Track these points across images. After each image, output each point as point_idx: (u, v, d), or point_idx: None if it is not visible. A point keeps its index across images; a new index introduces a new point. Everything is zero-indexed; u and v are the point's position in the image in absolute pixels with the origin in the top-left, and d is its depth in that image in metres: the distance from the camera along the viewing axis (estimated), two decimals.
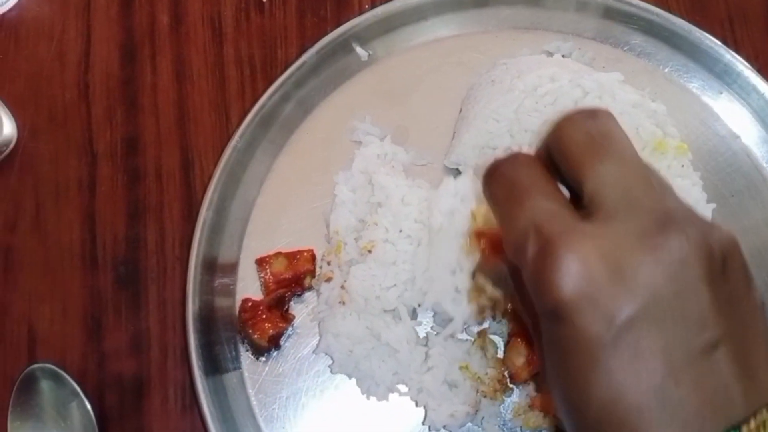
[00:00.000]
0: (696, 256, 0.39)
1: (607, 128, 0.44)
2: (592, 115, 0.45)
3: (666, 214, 0.40)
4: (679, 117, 0.75)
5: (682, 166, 0.71)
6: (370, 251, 0.69)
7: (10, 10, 0.83)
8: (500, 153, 0.72)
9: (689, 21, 0.80)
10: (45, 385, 0.69)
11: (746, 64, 0.79)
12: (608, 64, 0.79)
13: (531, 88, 0.72)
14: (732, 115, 0.79)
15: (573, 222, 0.40)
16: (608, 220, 0.40)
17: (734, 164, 0.78)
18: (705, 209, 0.71)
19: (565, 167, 0.43)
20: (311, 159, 0.78)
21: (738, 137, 0.78)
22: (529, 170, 0.44)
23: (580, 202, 0.42)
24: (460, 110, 0.78)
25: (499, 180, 0.45)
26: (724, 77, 0.79)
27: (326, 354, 0.72)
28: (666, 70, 0.80)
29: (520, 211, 0.42)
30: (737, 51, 0.80)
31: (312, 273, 0.73)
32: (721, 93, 0.79)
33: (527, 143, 0.72)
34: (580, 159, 0.42)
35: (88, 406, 0.69)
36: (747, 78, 0.78)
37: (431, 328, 0.71)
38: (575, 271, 0.38)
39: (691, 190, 0.70)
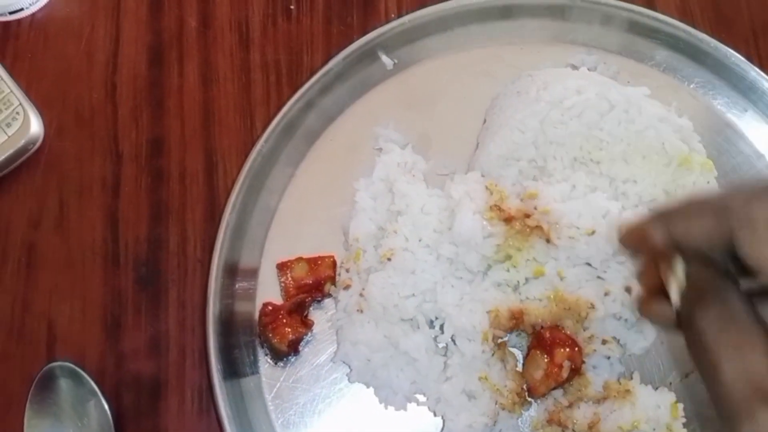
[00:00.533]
0: None
1: None
2: None
3: None
4: (704, 134, 0.75)
5: (708, 182, 0.70)
6: (389, 259, 0.69)
7: (39, 10, 0.84)
8: (524, 164, 0.73)
9: (714, 37, 0.80)
10: (63, 384, 0.69)
11: None
12: (633, 79, 0.79)
13: (557, 100, 0.72)
14: (757, 133, 0.79)
15: None
16: None
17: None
18: None
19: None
20: (334, 166, 0.78)
21: (762, 156, 0.78)
22: (745, 311, 0.38)
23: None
24: (484, 121, 0.79)
25: (709, 312, 0.39)
26: (749, 95, 0.79)
27: (344, 362, 0.71)
28: (691, 86, 0.80)
29: (742, 363, 0.37)
30: (762, 68, 0.80)
31: (333, 279, 0.73)
32: (746, 111, 0.79)
33: (552, 155, 0.72)
34: None
35: (106, 406, 0.69)
36: None
37: (451, 338, 0.71)
38: None
39: None
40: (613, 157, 0.70)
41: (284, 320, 0.69)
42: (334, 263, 0.73)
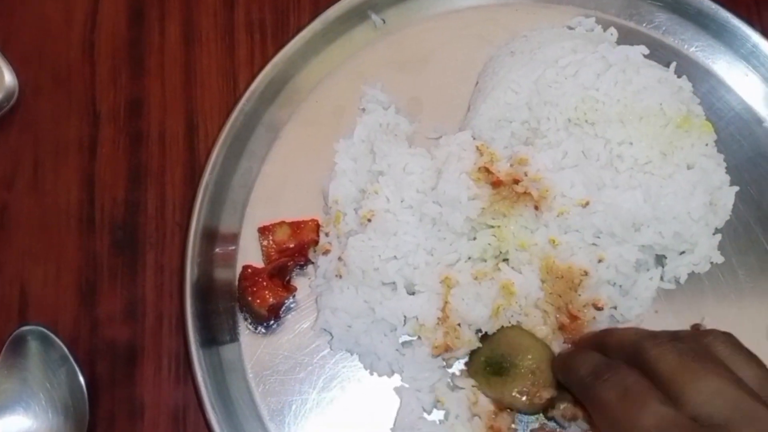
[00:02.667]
0: None
1: (693, 352, 0.52)
2: (672, 344, 0.53)
3: None
4: (702, 98, 0.72)
5: (706, 145, 0.68)
6: (369, 220, 0.66)
7: None
8: (517, 126, 0.70)
9: (715, 1, 0.77)
10: (34, 348, 0.67)
11: None
12: (631, 42, 0.76)
13: (552, 59, 0.69)
14: (757, 98, 0.76)
15: (697, 428, 0.47)
16: (726, 428, 0.47)
17: (757, 149, 0.75)
18: (728, 192, 0.68)
19: (661, 384, 0.51)
20: (319, 129, 0.75)
21: (763, 122, 0.75)
22: (633, 376, 0.52)
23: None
24: (476, 83, 0.76)
25: (608, 384, 0.53)
26: (751, 59, 0.77)
27: (325, 330, 0.69)
28: (691, 49, 0.77)
29: (641, 415, 0.49)
30: (764, 33, 0.77)
31: (316, 243, 0.70)
32: (747, 75, 0.76)
33: (545, 116, 0.69)
34: (677, 380, 0.50)
35: (78, 372, 0.66)
36: None
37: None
38: None
39: (715, 171, 0.67)
40: (609, 119, 0.67)
41: (265, 284, 0.67)
42: (318, 227, 0.70)
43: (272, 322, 0.69)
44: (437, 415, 0.66)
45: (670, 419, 0.48)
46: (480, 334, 0.66)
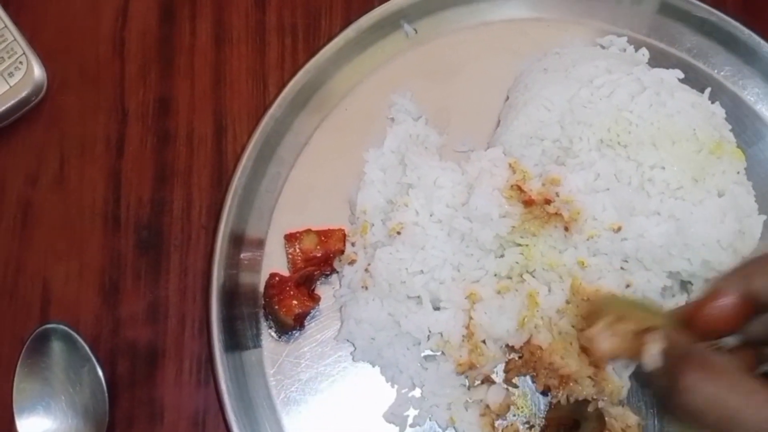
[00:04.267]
0: None
1: None
2: None
3: None
4: (732, 124, 0.72)
5: (738, 172, 0.68)
6: (399, 233, 0.66)
7: None
8: (548, 144, 0.70)
9: (747, 26, 0.77)
10: (56, 347, 0.66)
11: None
12: (661, 63, 0.76)
13: (587, 79, 0.69)
14: None
15: None
16: None
17: None
18: (757, 220, 0.68)
19: None
20: (348, 137, 0.75)
21: None
22: (739, 385, 0.40)
23: None
24: (507, 98, 0.76)
25: (702, 394, 0.41)
26: None
27: (348, 341, 0.69)
28: (721, 73, 0.77)
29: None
30: None
31: (342, 253, 0.70)
32: None
33: (578, 136, 0.68)
34: None
35: (100, 372, 0.66)
36: None
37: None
38: None
39: (745, 199, 0.67)
40: (642, 141, 0.67)
41: (291, 292, 0.67)
42: (345, 236, 0.70)
43: (296, 330, 0.68)
44: None
45: None
46: (507, 350, 0.66)
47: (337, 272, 0.71)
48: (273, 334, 0.69)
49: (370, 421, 0.67)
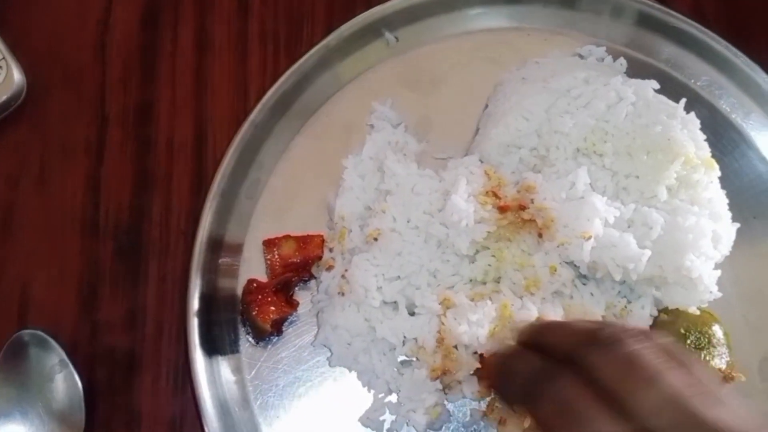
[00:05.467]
0: None
1: (638, 353, 0.45)
2: (617, 342, 0.46)
3: None
4: (707, 133, 0.73)
5: (711, 182, 0.68)
6: (375, 239, 0.67)
7: None
8: (526, 153, 0.70)
9: (724, 37, 0.78)
10: (33, 353, 0.66)
11: None
12: (639, 74, 0.77)
13: (565, 89, 0.70)
14: (761, 136, 0.77)
15: None
16: None
17: (759, 186, 0.76)
18: (730, 228, 0.69)
19: (604, 392, 0.45)
20: (328, 144, 0.75)
21: (766, 160, 0.77)
22: (578, 390, 0.45)
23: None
24: (486, 106, 0.76)
25: (548, 401, 0.46)
26: (757, 98, 0.78)
27: (324, 346, 0.69)
28: (698, 84, 0.78)
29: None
30: None
31: (320, 259, 0.70)
32: (751, 113, 0.78)
33: (555, 145, 0.69)
34: (619, 387, 0.44)
35: (77, 378, 0.66)
36: None
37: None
38: None
39: (718, 208, 0.68)
40: (618, 151, 0.68)
41: (269, 298, 0.67)
42: (323, 242, 0.70)
43: (274, 336, 0.69)
44: None
45: None
46: (478, 356, 0.67)
47: (316, 278, 0.71)
48: (251, 339, 0.69)
49: (347, 425, 0.67)
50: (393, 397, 0.68)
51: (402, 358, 0.68)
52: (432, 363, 0.65)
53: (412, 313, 0.67)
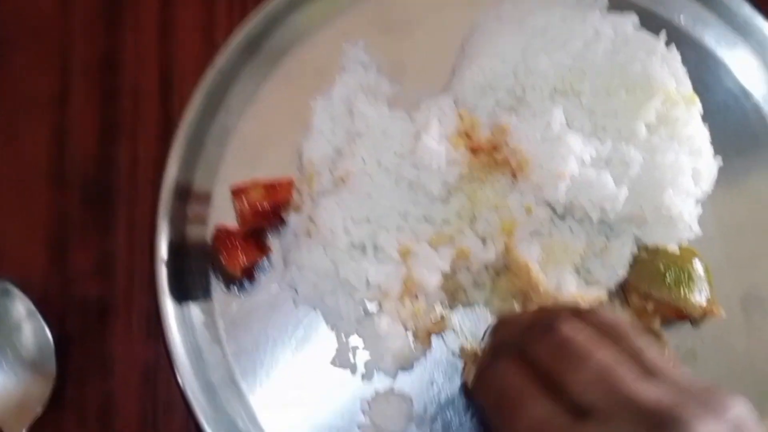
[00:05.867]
0: None
1: (571, 338, 0.48)
2: (553, 329, 0.49)
3: (661, 412, 0.42)
4: (690, 68, 0.71)
5: (692, 118, 0.66)
6: (343, 180, 0.65)
7: None
8: (502, 95, 0.69)
9: None
10: (1, 303, 0.66)
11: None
12: (621, 8, 0.74)
13: (541, 29, 0.67)
14: (745, 70, 0.75)
15: (572, 426, 0.44)
16: (606, 422, 0.43)
17: (744, 123, 0.74)
18: (711, 165, 0.67)
19: (544, 374, 0.47)
20: (299, 87, 0.73)
21: (750, 94, 0.74)
22: (510, 374, 0.48)
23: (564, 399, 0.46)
24: (462, 48, 0.74)
25: (487, 390, 0.50)
26: (742, 30, 0.75)
27: (290, 286, 0.68)
28: (681, 17, 0.76)
29: (516, 419, 0.46)
30: (756, 5, 0.75)
31: (290, 204, 0.69)
32: (736, 45, 0.75)
33: (531, 85, 0.67)
34: (557, 368, 0.46)
35: (46, 328, 0.65)
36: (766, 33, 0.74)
37: None
38: None
39: (698, 144, 0.66)
40: (595, 89, 0.66)
41: (238, 244, 0.66)
42: (293, 187, 0.69)
43: (246, 282, 0.68)
44: None
45: (544, 418, 0.45)
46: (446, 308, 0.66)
47: (289, 224, 0.70)
48: (223, 286, 0.68)
49: (321, 367, 0.67)
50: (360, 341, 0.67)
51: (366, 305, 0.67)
52: (394, 311, 0.64)
53: (380, 259, 0.66)
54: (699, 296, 0.66)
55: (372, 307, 0.67)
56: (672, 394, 0.43)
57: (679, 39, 0.73)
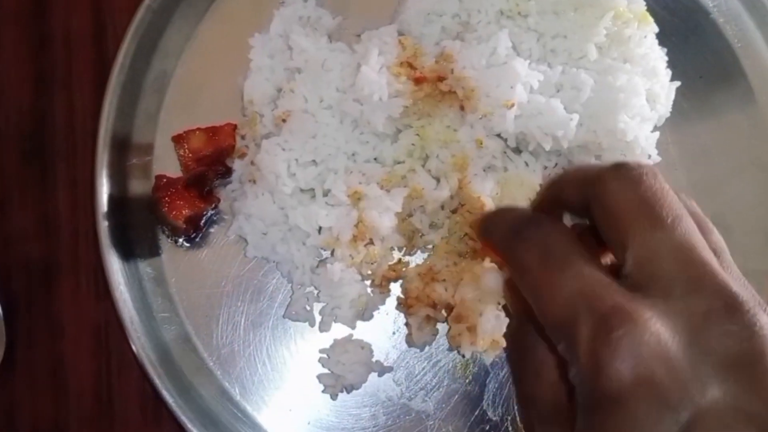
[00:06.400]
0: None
1: (661, 193, 0.39)
2: (641, 174, 0.39)
3: (732, 298, 0.36)
4: None
5: (645, 37, 0.64)
6: (284, 121, 0.62)
7: None
8: (448, 21, 0.65)
9: None
10: None
11: None
12: None
13: None
14: None
15: (628, 296, 0.36)
16: (668, 298, 0.36)
17: (704, 43, 0.71)
18: (668, 87, 0.65)
19: (608, 228, 0.39)
20: (239, 25, 0.69)
21: (709, 14, 0.72)
22: (563, 235, 0.40)
23: (617, 267, 0.39)
24: None
25: (528, 244, 0.41)
26: None
27: (240, 236, 0.66)
28: None
29: (563, 280, 0.38)
30: None
31: (234, 149, 0.66)
32: None
33: (476, 8, 0.64)
34: (630, 223, 0.38)
35: None
36: None
37: None
38: (642, 349, 0.35)
39: (654, 64, 0.64)
40: (543, 10, 0.63)
41: (180, 194, 0.63)
42: (235, 130, 0.66)
43: (194, 234, 0.66)
44: None
45: (599, 283, 0.37)
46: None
47: (234, 170, 0.67)
48: (170, 240, 0.66)
49: (280, 320, 0.66)
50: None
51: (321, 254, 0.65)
52: (347, 257, 0.62)
53: (330, 204, 0.64)
54: None
55: (326, 254, 0.65)
56: (745, 290, 0.37)
57: None
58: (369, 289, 0.64)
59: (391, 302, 0.66)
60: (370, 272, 0.64)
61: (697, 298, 0.36)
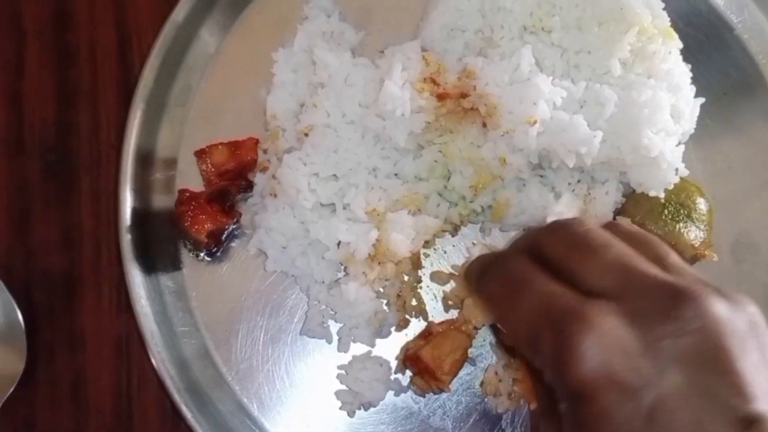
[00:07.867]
0: (718, 325, 0.40)
1: (585, 233, 0.47)
2: (568, 225, 0.49)
3: (675, 291, 0.41)
4: (669, 2, 0.67)
5: (670, 52, 0.63)
6: (307, 135, 0.62)
7: None
8: (471, 36, 0.65)
9: None
10: None
11: None
12: None
13: None
14: (728, 4, 0.72)
15: (581, 299, 0.43)
16: (618, 299, 0.42)
17: (728, 58, 0.71)
18: (693, 102, 0.64)
19: (557, 270, 0.46)
20: (262, 40, 0.70)
21: (733, 29, 0.71)
22: (518, 262, 0.47)
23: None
24: None
25: (492, 278, 0.49)
26: None
27: (260, 250, 0.66)
28: None
29: (523, 299, 0.45)
30: None
31: (256, 163, 0.66)
32: None
33: (499, 24, 0.64)
34: (569, 259, 0.46)
35: (13, 303, 0.63)
36: None
37: None
38: (598, 347, 0.40)
39: (678, 80, 0.63)
40: (566, 25, 0.63)
41: (203, 209, 0.63)
42: (257, 145, 0.66)
43: (215, 249, 0.66)
44: None
45: (553, 292, 0.44)
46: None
47: (255, 184, 0.67)
48: (192, 254, 0.66)
49: (295, 335, 0.65)
50: None
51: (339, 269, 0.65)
52: (360, 274, 0.61)
53: (350, 219, 0.64)
54: (694, 235, 0.63)
55: (341, 275, 0.65)
56: (688, 281, 0.43)
57: None
58: (384, 306, 0.64)
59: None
60: (382, 289, 0.63)
61: (642, 298, 0.42)
